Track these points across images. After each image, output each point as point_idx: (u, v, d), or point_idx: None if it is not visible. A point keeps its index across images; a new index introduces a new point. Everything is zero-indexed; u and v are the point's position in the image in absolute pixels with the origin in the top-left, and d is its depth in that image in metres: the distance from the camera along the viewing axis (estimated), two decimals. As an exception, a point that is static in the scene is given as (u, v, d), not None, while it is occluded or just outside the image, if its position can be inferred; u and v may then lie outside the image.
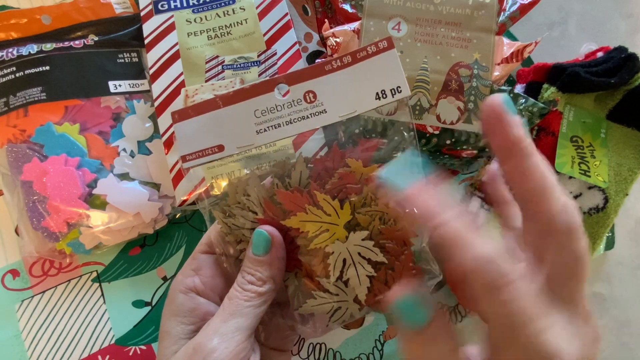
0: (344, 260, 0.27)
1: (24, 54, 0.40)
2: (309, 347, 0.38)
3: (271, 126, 0.27)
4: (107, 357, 0.37)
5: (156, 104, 0.40)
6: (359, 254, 0.26)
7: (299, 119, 0.27)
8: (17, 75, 0.39)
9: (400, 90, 0.27)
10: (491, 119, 0.19)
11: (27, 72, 0.39)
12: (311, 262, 0.27)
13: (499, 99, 0.19)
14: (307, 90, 0.27)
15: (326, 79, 0.27)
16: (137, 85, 0.42)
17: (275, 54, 0.41)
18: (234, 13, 0.43)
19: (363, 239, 0.26)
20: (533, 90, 0.40)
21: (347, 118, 0.27)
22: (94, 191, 0.37)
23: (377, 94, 0.27)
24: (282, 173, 0.28)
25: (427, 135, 0.37)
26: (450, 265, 0.18)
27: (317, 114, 0.27)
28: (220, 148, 0.27)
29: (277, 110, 0.27)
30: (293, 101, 0.27)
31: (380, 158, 0.28)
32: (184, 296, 0.26)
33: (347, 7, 0.42)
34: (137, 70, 0.43)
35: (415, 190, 0.20)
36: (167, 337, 0.25)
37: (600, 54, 0.39)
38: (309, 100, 0.27)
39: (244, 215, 0.28)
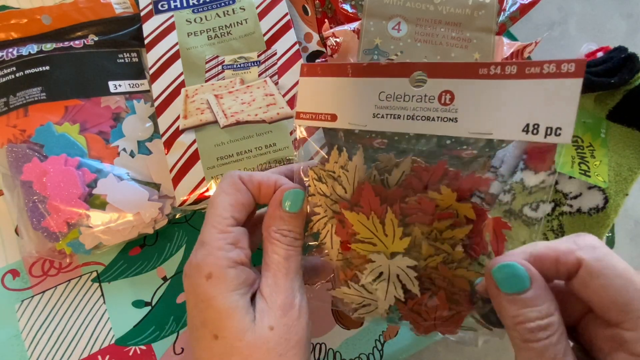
0: (380, 273, 0.26)
1: (24, 54, 0.40)
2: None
3: (390, 115, 0.25)
4: (107, 357, 0.37)
5: (156, 104, 0.40)
6: (397, 276, 0.26)
7: (423, 118, 0.24)
8: (17, 75, 0.39)
9: (559, 134, 0.21)
10: None
11: (27, 72, 0.39)
12: (352, 256, 0.27)
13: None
14: (445, 89, 0.24)
15: (473, 84, 0.23)
16: (137, 85, 0.42)
17: (275, 54, 0.41)
18: (234, 13, 0.43)
19: (408, 266, 0.25)
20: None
21: (476, 138, 0.24)
22: (94, 191, 0.37)
23: (527, 125, 0.22)
24: (383, 167, 0.26)
25: (427, 135, 0.37)
26: None
27: (445, 119, 0.24)
28: (334, 118, 0.26)
29: (404, 100, 0.25)
30: (425, 96, 0.24)
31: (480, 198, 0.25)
32: (234, 270, 0.25)
33: (347, 7, 0.42)
34: (137, 70, 0.43)
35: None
36: (237, 311, 0.25)
37: (600, 54, 0.39)
38: (443, 102, 0.24)
39: (334, 186, 0.27)
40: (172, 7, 0.43)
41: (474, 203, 0.24)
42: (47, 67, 0.40)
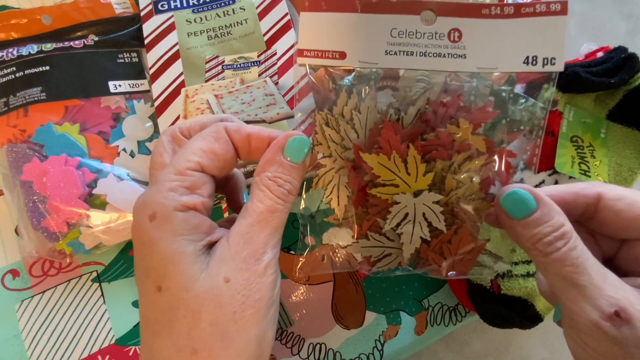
0: (406, 215, 0.25)
1: (24, 54, 0.40)
2: (309, 347, 0.38)
3: (403, 52, 0.25)
4: (107, 357, 0.37)
5: (156, 104, 0.40)
6: (423, 214, 0.25)
7: (435, 55, 0.25)
8: (17, 75, 0.39)
9: (554, 63, 0.24)
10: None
11: (27, 72, 0.39)
12: (370, 204, 0.26)
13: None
14: (454, 27, 0.25)
15: (478, 23, 0.25)
16: (137, 85, 0.42)
17: (275, 54, 0.41)
18: (234, 13, 0.43)
19: (434, 202, 0.25)
20: (533, 89, 0.40)
21: (484, 72, 0.25)
22: (94, 191, 0.37)
23: (527, 58, 0.25)
24: (398, 106, 0.26)
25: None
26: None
27: (455, 56, 0.25)
28: (342, 55, 0.25)
29: (416, 37, 0.25)
30: (435, 34, 0.25)
31: (488, 131, 0.26)
32: (184, 214, 0.22)
33: (347, 7, 0.42)
34: (137, 70, 0.43)
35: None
36: (183, 257, 0.21)
37: (600, 54, 0.39)
38: (452, 39, 0.25)
39: (346, 130, 0.25)
40: (172, 7, 0.43)
41: (483, 135, 0.25)
42: (47, 67, 0.40)
